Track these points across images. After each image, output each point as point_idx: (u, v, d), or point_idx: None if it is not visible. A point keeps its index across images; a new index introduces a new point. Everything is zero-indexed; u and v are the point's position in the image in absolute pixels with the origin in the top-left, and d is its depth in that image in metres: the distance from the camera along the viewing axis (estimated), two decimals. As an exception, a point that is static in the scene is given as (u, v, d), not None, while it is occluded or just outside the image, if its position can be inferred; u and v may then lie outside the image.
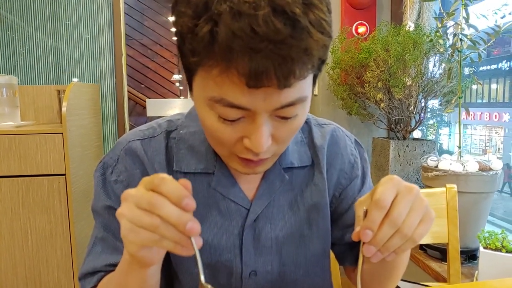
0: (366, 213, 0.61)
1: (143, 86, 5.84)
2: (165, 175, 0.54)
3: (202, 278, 0.57)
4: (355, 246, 0.90)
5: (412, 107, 2.09)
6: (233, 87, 0.54)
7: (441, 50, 1.85)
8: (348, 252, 0.91)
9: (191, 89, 0.67)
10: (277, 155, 0.74)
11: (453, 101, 1.88)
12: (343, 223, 0.90)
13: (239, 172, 0.73)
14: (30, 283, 2.15)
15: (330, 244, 0.90)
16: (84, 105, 2.47)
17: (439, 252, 1.68)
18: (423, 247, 1.79)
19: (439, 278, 1.61)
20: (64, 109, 2.14)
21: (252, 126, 0.62)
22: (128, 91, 3.08)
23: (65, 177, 2.11)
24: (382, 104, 2.06)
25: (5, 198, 2.10)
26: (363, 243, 0.60)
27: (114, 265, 0.76)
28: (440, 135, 2.19)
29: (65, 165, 2.11)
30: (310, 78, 0.61)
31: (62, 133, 2.11)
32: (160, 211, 0.51)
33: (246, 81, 0.53)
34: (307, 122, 0.92)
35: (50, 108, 2.64)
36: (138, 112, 5.27)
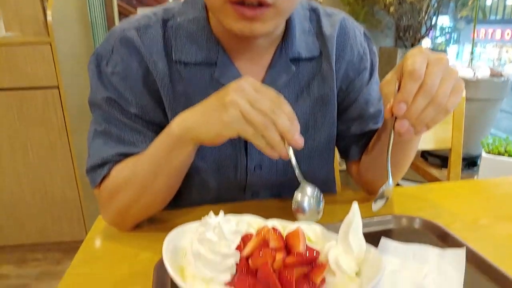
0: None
1: (135, 1, 5.49)
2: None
3: (301, 179, 0.67)
4: (360, 139, 0.88)
5: (423, 12, 1.95)
6: None
7: None
8: (353, 145, 0.88)
9: None
10: (278, 15, 0.67)
11: (469, 3, 1.74)
12: (348, 116, 0.86)
13: (234, 32, 0.67)
14: (36, 193, 2.20)
15: (335, 136, 0.88)
16: (71, 14, 2.31)
17: (440, 159, 1.68)
18: (424, 155, 1.80)
19: (438, 183, 1.63)
20: (49, 18, 2.00)
21: None
22: (118, 5, 2.88)
23: (58, 89, 2.05)
24: (391, 8, 1.91)
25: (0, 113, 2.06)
26: (395, 119, 0.60)
27: (124, 155, 0.74)
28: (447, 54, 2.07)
29: (57, 77, 2.03)
30: None
31: (50, 43, 2.00)
32: (276, 118, 0.58)
33: None
34: (315, 11, 0.84)
35: (35, 19, 2.46)
36: (132, 29, 5.00)
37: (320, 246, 0.51)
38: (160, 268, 0.61)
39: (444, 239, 0.68)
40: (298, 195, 0.66)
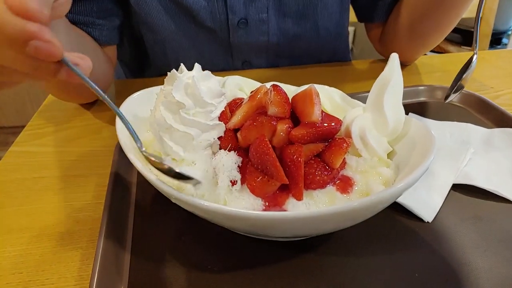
0: None
1: None
2: None
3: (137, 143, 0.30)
4: None
5: None
6: None
7: None
8: (378, 3, 0.67)
9: None
10: None
11: None
12: None
13: None
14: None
15: None
16: None
17: (461, 34, 1.47)
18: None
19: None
20: None
21: None
22: None
23: None
24: None
25: None
26: None
27: None
28: None
29: None
30: None
31: None
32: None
33: None
34: None
35: None
36: None
37: (341, 118, 0.35)
38: (121, 148, 0.47)
39: (489, 116, 0.53)
40: None
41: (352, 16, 0.76)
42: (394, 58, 0.35)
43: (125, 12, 0.62)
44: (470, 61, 0.49)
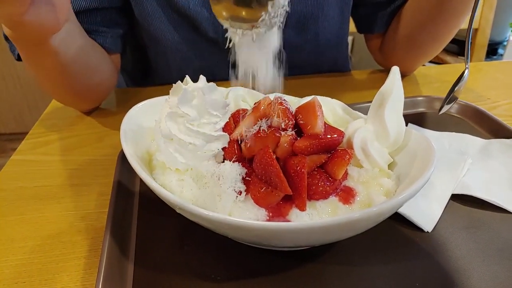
0: None
1: None
2: None
3: None
4: (387, 7, 0.67)
5: None
6: None
7: None
8: (378, 13, 0.68)
9: None
10: None
11: None
12: None
13: None
14: (7, 77, 2.00)
15: (351, 4, 0.68)
16: None
17: (458, 45, 1.49)
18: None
19: (451, 72, 1.46)
20: None
21: None
22: None
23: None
24: None
25: None
26: None
27: None
28: None
29: None
30: None
31: None
32: None
33: None
34: None
35: None
36: None
37: (343, 129, 0.36)
38: (124, 157, 0.47)
39: (486, 127, 0.54)
40: None
41: (351, 26, 0.77)
42: (395, 72, 0.35)
43: (129, 22, 0.63)
44: (462, 75, 0.50)
